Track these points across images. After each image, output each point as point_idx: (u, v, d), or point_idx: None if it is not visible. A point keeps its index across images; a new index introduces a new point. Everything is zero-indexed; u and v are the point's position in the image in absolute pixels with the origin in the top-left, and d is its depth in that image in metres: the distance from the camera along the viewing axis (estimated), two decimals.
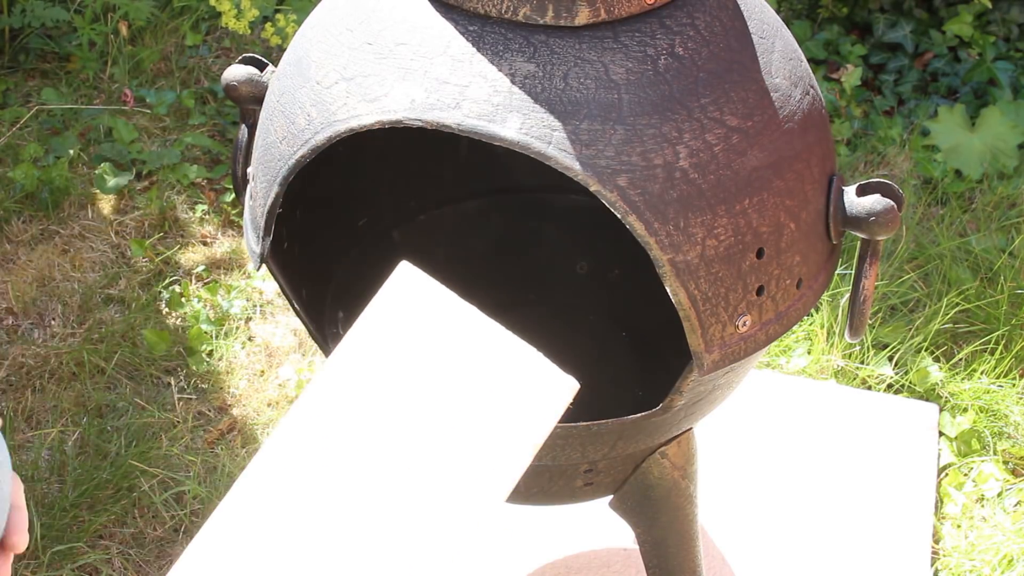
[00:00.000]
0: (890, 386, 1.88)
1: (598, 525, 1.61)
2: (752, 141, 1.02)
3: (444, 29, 1.02)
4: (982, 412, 1.84)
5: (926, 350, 1.92)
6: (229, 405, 1.82)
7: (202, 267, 2.06)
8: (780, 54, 1.09)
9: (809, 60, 2.34)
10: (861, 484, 1.71)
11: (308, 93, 1.06)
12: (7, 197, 2.14)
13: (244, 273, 2.07)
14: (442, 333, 0.76)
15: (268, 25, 2.40)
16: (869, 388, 1.88)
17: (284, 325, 1.97)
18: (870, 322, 1.95)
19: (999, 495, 1.73)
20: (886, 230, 1.06)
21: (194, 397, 1.83)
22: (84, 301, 1.97)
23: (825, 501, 1.68)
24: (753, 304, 1.05)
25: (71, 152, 2.24)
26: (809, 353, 1.92)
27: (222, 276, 2.06)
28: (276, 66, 1.21)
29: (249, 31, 2.38)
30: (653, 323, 1.22)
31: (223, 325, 1.95)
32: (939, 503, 1.72)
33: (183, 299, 2.00)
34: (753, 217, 1.02)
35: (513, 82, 0.99)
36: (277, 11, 2.52)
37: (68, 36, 2.51)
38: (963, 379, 1.88)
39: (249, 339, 1.94)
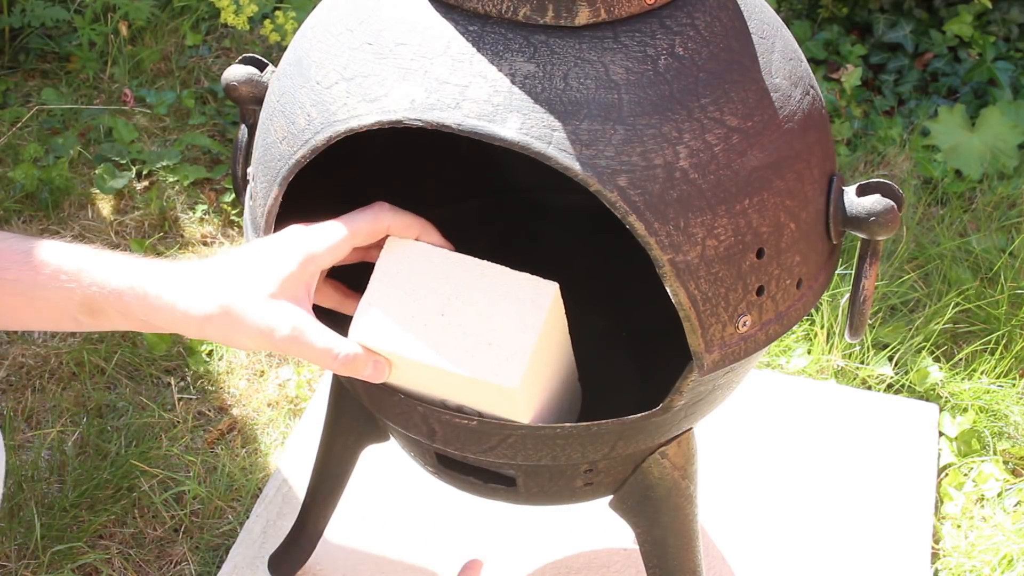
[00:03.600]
0: (890, 386, 1.88)
1: (598, 525, 1.61)
2: (752, 141, 1.02)
3: (444, 29, 1.02)
4: (982, 412, 1.84)
5: (926, 350, 1.92)
6: (229, 405, 1.82)
7: None
8: (780, 54, 1.09)
9: (809, 60, 2.34)
10: (861, 484, 1.71)
11: (308, 93, 1.06)
12: (7, 197, 2.14)
13: None
14: (447, 268, 1.06)
15: (267, 22, 2.40)
16: (869, 388, 1.88)
17: None
18: (870, 322, 1.95)
19: (999, 495, 1.73)
20: (886, 230, 1.06)
21: (194, 397, 1.83)
22: None
23: (825, 501, 1.68)
24: (753, 304, 1.05)
25: (71, 152, 2.24)
26: (809, 353, 1.92)
27: None
28: (276, 66, 1.21)
29: (248, 27, 2.38)
30: (653, 323, 1.22)
31: None
32: (939, 503, 1.72)
33: None
34: (753, 217, 1.02)
35: (513, 82, 0.99)
36: (276, 8, 2.52)
37: (68, 36, 2.51)
38: (963, 379, 1.88)
39: None
